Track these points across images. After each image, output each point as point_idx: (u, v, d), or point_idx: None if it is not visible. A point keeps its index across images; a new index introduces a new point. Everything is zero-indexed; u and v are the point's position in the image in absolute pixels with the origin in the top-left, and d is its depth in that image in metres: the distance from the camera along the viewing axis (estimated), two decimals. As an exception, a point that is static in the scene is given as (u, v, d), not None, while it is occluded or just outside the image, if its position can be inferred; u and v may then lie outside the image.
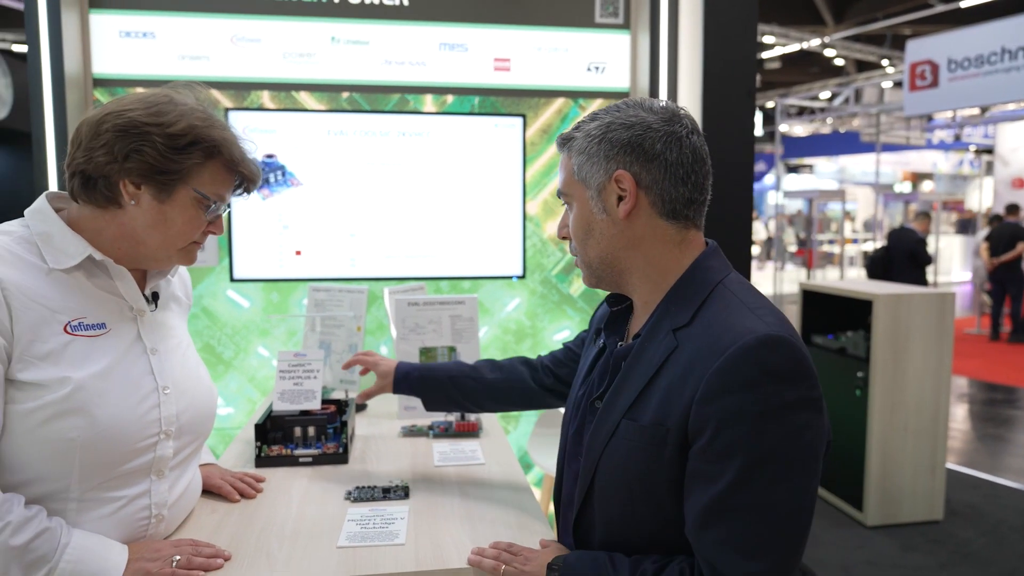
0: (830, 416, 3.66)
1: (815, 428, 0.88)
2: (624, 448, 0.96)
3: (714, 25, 2.29)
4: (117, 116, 1.03)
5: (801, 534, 0.87)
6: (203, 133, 1.06)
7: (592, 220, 1.01)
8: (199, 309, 2.51)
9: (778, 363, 0.86)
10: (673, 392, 0.91)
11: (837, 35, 14.30)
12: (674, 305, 0.98)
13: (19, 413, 0.97)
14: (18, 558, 0.93)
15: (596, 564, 0.96)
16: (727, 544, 0.86)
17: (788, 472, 0.86)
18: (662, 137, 0.97)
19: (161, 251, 1.10)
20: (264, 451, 1.53)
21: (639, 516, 0.96)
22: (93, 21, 2.37)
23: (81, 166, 1.03)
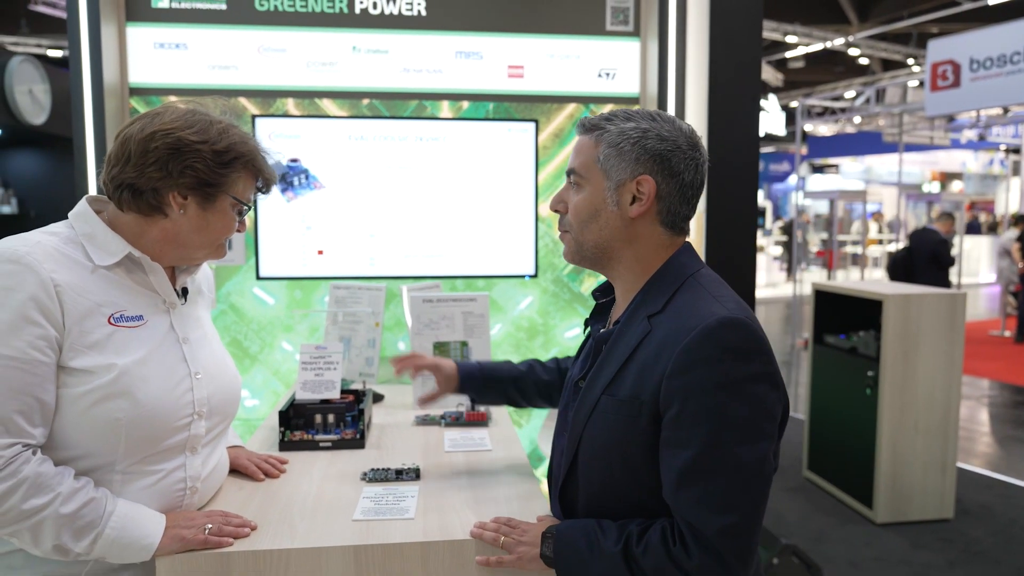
0: (840, 414, 3.73)
1: (772, 399, 1.00)
2: (603, 422, 1.07)
3: (720, 33, 2.37)
4: (165, 135, 1.14)
5: (764, 491, 0.99)
6: (242, 148, 1.20)
7: (601, 208, 1.11)
8: (227, 306, 2.65)
9: (736, 341, 0.98)
10: (646, 370, 1.03)
11: (861, 34, 14.19)
12: (650, 295, 1.10)
13: (71, 397, 1.09)
14: (68, 524, 1.05)
15: (586, 530, 1.07)
16: (701, 502, 0.97)
17: (750, 436, 0.97)
18: (686, 159, 1.09)
19: (200, 250, 1.23)
20: (287, 436, 1.65)
21: (617, 484, 1.07)
22: (130, 33, 2.52)
23: (131, 180, 1.14)
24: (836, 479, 3.99)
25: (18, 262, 1.06)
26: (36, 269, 1.06)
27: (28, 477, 1.02)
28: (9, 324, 1.03)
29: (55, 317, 1.07)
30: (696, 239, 2.54)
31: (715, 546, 0.96)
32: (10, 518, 1.02)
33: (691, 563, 0.97)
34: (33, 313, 1.05)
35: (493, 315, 2.80)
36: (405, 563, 1.17)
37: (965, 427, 5.50)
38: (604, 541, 1.03)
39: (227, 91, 2.58)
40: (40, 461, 1.05)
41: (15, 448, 1.03)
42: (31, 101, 4.99)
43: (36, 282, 1.05)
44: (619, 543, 1.02)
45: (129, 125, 1.17)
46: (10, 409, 1.03)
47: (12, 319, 1.03)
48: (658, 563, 0.99)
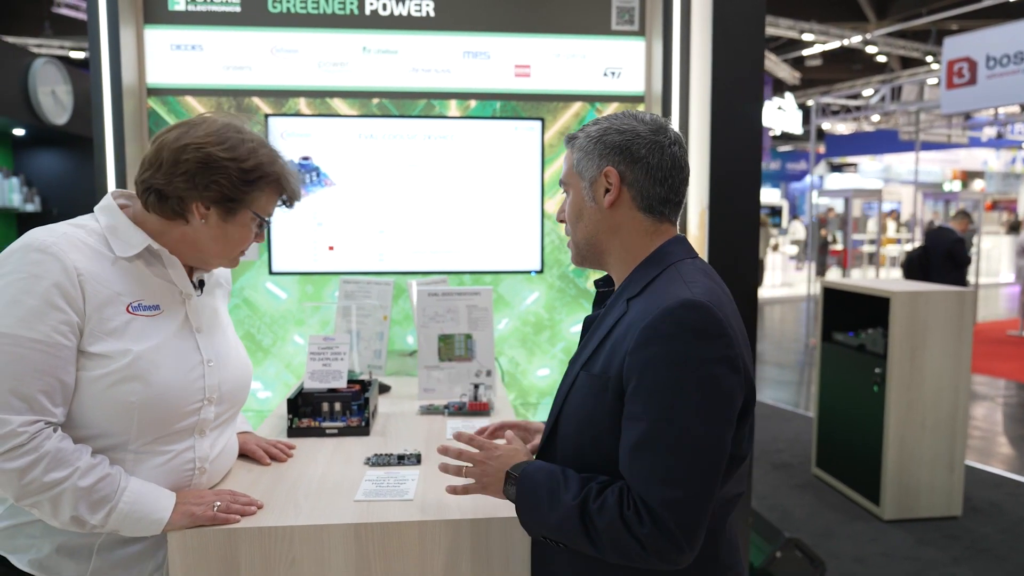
0: (848, 411, 3.73)
1: (730, 382, 1.03)
2: (579, 396, 1.14)
3: (723, 32, 2.40)
4: (197, 149, 1.20)
5: (714, 470, 1.02)
6: (268, 168, 1.26)
7: (583, 206, 1.20)
8: (241, 300, 2.72)
9: (694, 321, 1.03)
10: (616, 347, 1.09)
11: (879, 31, 14.07)
12: (633, 281, 1.16)
13: (88, 379, 1.16)
14: (85, 497, 1.12)
15: (551, 475, 1.11)
16: (649, 474, 1.01)
17: (702, 414, 1.01)
18: (647, 144, 1.15)
19: (216, 259, 1.30)
20: (295, 423, 1.71)
21: (587, 455, 1.13)
22: (147, 36, 2.60)
23: (160, 186, 1.21)
24: (844, 476, 4.00)
25: (45, 251, 1.12)
26: (61, 258, 1.13)
27: (49, 451, 1.09)
28: (35, 309, 1.10)
29: (77, 304, 1.14)
30: (699, 236, 2.57)
31: (663, 518, 0.99)
32: (33, 489, 1.09)
33: (642, 531, 1.01)
34: (57, 300, 1.11)
35: (500, 310, 2.86)
36: (402, 541, 1.23)
37: (980, 426, 5.47)
38: (564, 493, 1.08)
39: (241, 91, 2.65)
40: (60, 438, 1.12)
41: (38, 425, 1.09)
42: (54, 102, 5.11)
43: (61, 270, 1.12)
44: (578, 496, 1.06)
45: (167, 132, 1.23)
46: (34, 389, 1.09)
47: (38, 304, 1.10)
48: (611, 523, 1.03)
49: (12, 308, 1.09)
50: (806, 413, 5.75)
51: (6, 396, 1.07)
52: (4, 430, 1.07)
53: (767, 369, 7.53)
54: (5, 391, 1.08)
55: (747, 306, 2.50)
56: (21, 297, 1.10)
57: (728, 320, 1.05)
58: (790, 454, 4.71)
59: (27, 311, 1.09)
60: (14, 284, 1.10)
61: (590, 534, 1.05)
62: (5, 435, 1.07)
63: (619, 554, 1.04)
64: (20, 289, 1.10)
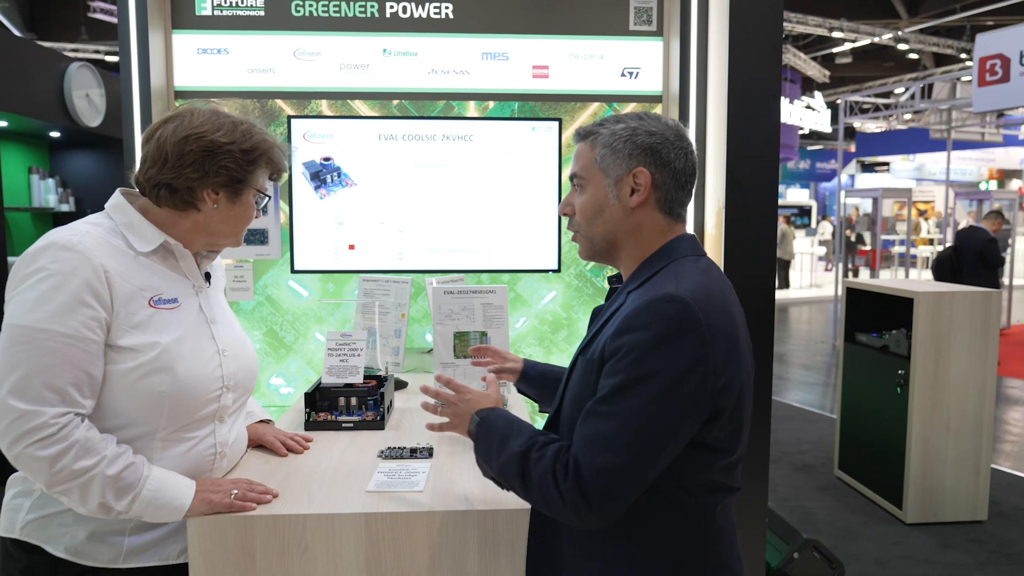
0: (871, 413, 3.72)
1: (694, 379, 1.05)
2: (576, 379, 1.20)
3: (740, 31, 2.40)
4: (199, 139, 1.25)
5: (653, 451, 1.05)
6: (264, 146, 1.33)
7: (604, 203, 1.21)
8: (264, 297, 2.78)
9: (671, 314, 1.06)
10: (606, 335, 1.14)
11: (911, 28, 13.84)
12: (638, 274, 1.20)
13: (119, 372, 1.21)
14: (112, 484, 1.17)
15: (508, 424, 1.20)
16: (589, 439, 1.07)
17: (657, 399, 1.04)
18: (675, 149, 1.19)
19: (226, 239, 1.36)
20: (312, 416, 1.76)
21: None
22: (175, 40, 2.67)
23: (169, 180, 1.26)
24: (866, 479, 3.96)
25: (73, 249, 1.18)
26: (89, 256, 1.18)
27: (78, 440, 1.15)
28: (66, 305, 1.15)
29: (105, 300, 1.19)
30: (715, 235, 2.58)
31: (586, 479, 1.05)
32: (63, 476, 1.14)
33: (564, 484, 1.07)
34: (86, 296, 1.17)
35: (518, 309, 2.89)
36: (411, 530, 1.26)
37: (1012, 431, 5.37)
38: (513, 441, 1.15)
39: (264, 93, 2.72)
40: (88, 427, 1.17)
41: (68, 416, 1.15)
42: (88, 105, 5.25)
43: (89, 268, 1.17)
44: (523, 445, 1.14)
45: (161, 126, 1.28)
46: (65, 381, 1.15)
47: (68, 301, 1.15)
48: (542, 473, 1.10)
49: (43, 304, 1.14)
50: (830, 415, 5.69)
51: (40, 389, 1.13)
52: (37, 421, 1.12)
53: (792, 370, 7.46)
54: (39, 384, 1.13)
55: (765, 306, 2.50)
56: (52, 294, 1.15)
57: (708, 318, 1.06)
58: (813, 456, 4.67)
59: (58, 307, 1.15)
60: (44, 281, 1.15)
61: (524, 480, 1.12)
62: (38, 426, 1.12)
63: (544, 503, 1.11)
64: (51, 286, 1.15)
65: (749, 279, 2.47)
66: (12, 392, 1.12)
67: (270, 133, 1.38)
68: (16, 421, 1.12)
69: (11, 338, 1.14)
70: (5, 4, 10.96)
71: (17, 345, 1.13)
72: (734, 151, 2.46)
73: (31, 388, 1.12)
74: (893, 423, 3.68)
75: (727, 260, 2.47)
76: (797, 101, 16.36)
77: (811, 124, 16.89)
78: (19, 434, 1.12)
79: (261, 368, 2.78)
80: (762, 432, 2.49)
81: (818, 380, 7.10)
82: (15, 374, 1.12)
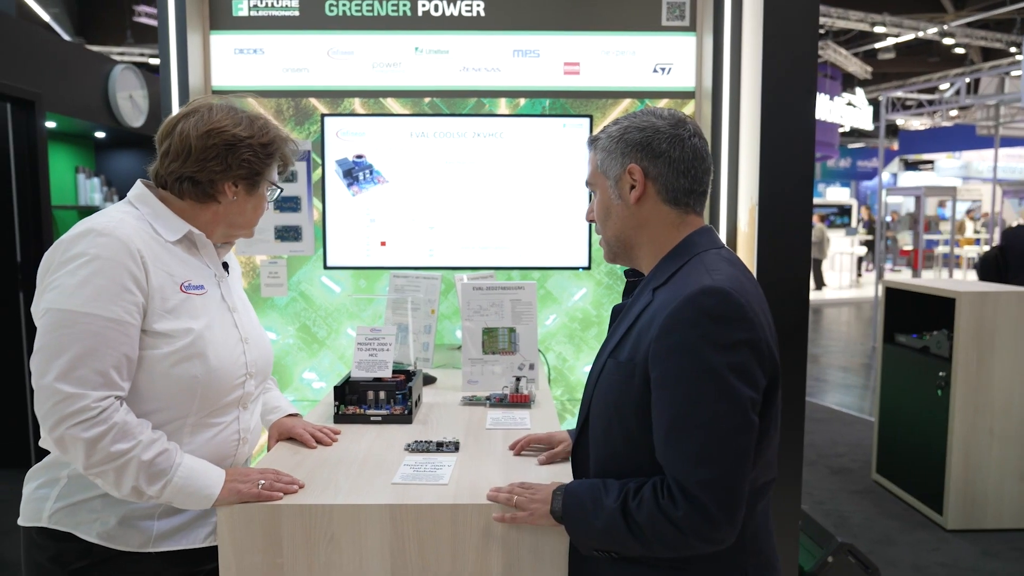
0: (910, 416, 3.65)
1: (752, 365, 1.05)
2: (607, 383, 1.18)
3: (775, 26, 2.36)
4: (220, 133, 1.29)
5: (744, 448, 1.04)
6: (278, 141, 1.36)
7: (610, 204, 1.23)
8: (297, 293, 2.83)
9: (714, 306, 1.05)
10: (642, 335, 1.12)
11: (958, 22, 13.46)
12: (659, 271, 1.19)
13: (155, 357, 1.24)
14: (146, 469, 1.20)
15: (592, 488, 1.16)
16: (682, 457, 1.05)
17: (727, 395, 1.03)
18: (667, 138, 1.19)
19: (242, 230, 1.40)
20: (341, 410, 1.78)
21: (614, 437, 1.16)
22: (213, 41, 2.73)
23: (192, 173, 1.29)
24: (905, 483, 3.87)
25: (111, 235, 1.21)
26: (127, 241, 1.22)
27: (117, 423, 1.18)
28: (107, 290, 1.18)
29: (142, 284, 1.22)
30: (748, 233, 2.54)
31: (698, 497, 1.03)
32: (100, 458, 1.17)
33: (677, 513, 1.04)
34: (126, 280, 1.20)
35: (548, 306, 2.88)
36: (436, 523, 1.27)
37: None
38: (606, 498, 1.12)
39: (299, 92, 2.76)
40: (126, 411, 1.21)
41: (109, 399, 1.18)
42: (131, 106, 5.39)
43: (127, 253, 1.21)
44: (618, 499, 1.10)
45: (181, 120, 1.31)
46: (107, 364, 1.18)
47: (108, 284, 1.19)
48: (650, 515, 1.06)
49: (84, 288, 1.18)
50: (868, 418, 5.57)
51: (86, 372, 1.16)
52: (81, 403, 1.15)
53: (830, 372, 7.31)
54: (85, 368, 1.16)
55: (799, 304, 2.46)
56: (92, 278, 1.18)
57: (750, 304, 1.07)
58: (850, 459, 4.58)
59: (98, 291, 1.18)
60: (85, 266, 1.18)
61: (633, 531, 1.08)
62: (81, 408, 1.15)
63: (663, 545, 1.07)
64: (91, 271, 1.18)
65: (783, 278, 2.44)
66: (59, 376, 1.15)
67: (281, 127, 1.42)
68: (60, 403, 1.15)
69: (54, 322, 1.17)
70: (56, 10, 11.31)
71: (61, 329, 1.16)
72: (768, 147, 2.42)
73: (77, 371, 1.15)
74: (933, 426, 3.58)
75: (760, 258, 2.44)
76: (837, 98, 16.04)
77: (852, 121, 16.54)
78: (62, 416, 1.15)
79: (294, 363, 2.83)
80: (795, 433, 2.45)
81: (856, 382, 6.96)
82: (62, 358, 1.15)
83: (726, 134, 2.64)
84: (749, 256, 2.51)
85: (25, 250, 4.31)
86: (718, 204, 2.68)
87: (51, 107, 4.46)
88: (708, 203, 2.71)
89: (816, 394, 6.34)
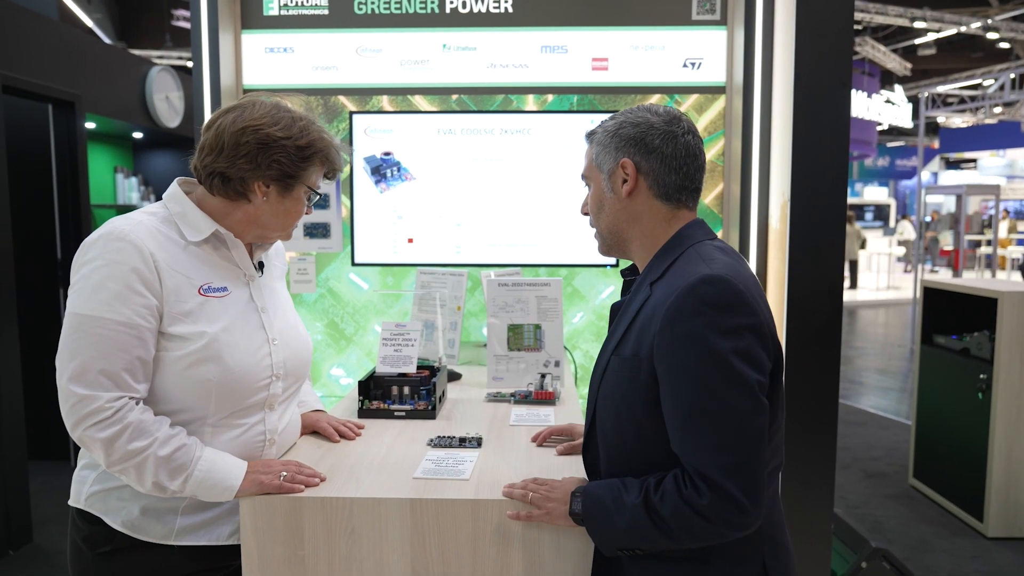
0: (949, 419, 3.57)
1: (757, 349, 1.06)
2: (612, 379, 1.17)
3: (808, 19, 2.31)
4: (255, 131, 1.27)
5: (759, 432, 1.04)
6: (319, 144, 1.33)
7: (603, 198, 1.24)
8: (325, 290, 2.85)
9: (714, 295, 1.05)
10: (644, 329, 1.12)
11: (1003, 16, 13.08)
12: (655, 265, 1.19)
13: (170, 359, 1.25)
14: (164, 465, 1.22)
15: (611, 487, 1.14)
16: (701, 446, 1.04)
17: (736, 382, 1.03)
18: (661, 134, 1.19)
19: (275, 232, 1.38)
20: (365, 404, 1.78)
21: (625, 433, 1.15)
22: (244, 40, 2.76)
23: (223, 169, 1.29)
24: (944, 488, 3.76)
25: (124, 239, 1.22)
26: (139, 245, 1.22)
27: (132, 423, 1.19)
28: (118, 293, 1.20)
29: (155, 287, 1.23)
30: (780, 229, 2.49)
31: (722, 484, 1.02)
32: (118, 457, 1.19)
33: (703, 502, 1.03)
34: (137, 284, 1.21)
35: (575, 303, 2.86)
36: (456, 517, 1.26)
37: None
38: (627, 496, 1.10)
39: (328, 90, 2.78)
40: (142, 410, 1.22)
41: (122, 400, 1.20)
42: (168, 107, 5.49)
43: (139, 257, 1.22)
44: (640, 495, 1.09)
45: (222, 115, 1.31)
46: (119, 367, 1.20)
47: (120, 289, 1.20)
48: (675, 507, 1.05)
49: (97, 293, 1.19)
50: (905, 421, 5.43)
51: (95, 375, 1.18)
52: (94, 405, 1.17)
53: (866, 375, 7.16)
54: (94, 371, 1.18)
55: (832, 301, 2.40)
56: (105, 282, 1.20)
57: (749, 290, 1.08)
58: (886, 462, 4.47)
59: (110, 295, 1.19)
60: (99, 271, 1.20)
61: (659, 526, 1.07)
62: (95, 409, 1.17)
63: (690, 536, 1.06)
64: (104, 275, 1.20)
65: (816, 276, 2.38)
66: (72, 378, 1.18)
67: (329, 132, 1.38)
68: (76, 405, 1.18)
69: (71, 326, 1.20)
70: (99, 16, 11.60)
71: (76, 333, 1.19)
72: (800, 143, 2.36)
73: (88, 374, 1.18)
74: (974, 430, 3.48)
75: (792, 256, 2.39)
76: (876, 95, 15.71)
77: (890, 119, 16.19)
78: (79, 417, 1.18)
79: (322, 359, 2.85)
80: (827, 437, 2.39)
81: (893, 385, 6.79)
82: (74, 361, 1.18)
83: (757, 129, 2.60)
84: (780, 253, 2.46)
85: (65, 248, 4.42)
86: (749, 200, 2.63)
87: (90, 108, 4.56)
88: (739, 199, 2.68)
89: (851, 397, 6.20)
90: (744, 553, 1.12)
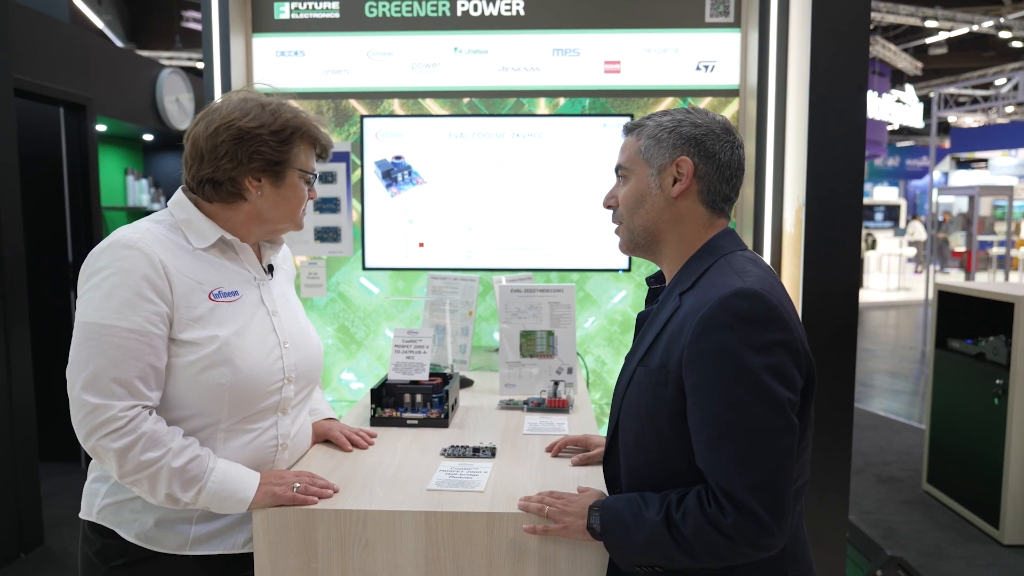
0: (964, 424, 3.52)
1: (788, 364, 1.03)
2: (637, 390, 1.15)
3: (823, 22, 2.28)
4: (227, 128, 1.26)
5: (787, 450, 1.01)
6: (295, 123, 1.31)
7: (647, 193, 1.20)
8: (336, 294, 2.84)
9: (748, 309, 1.03)
10: (673, 341, 1.09)
11: (1016, 14, 12.96)
12: (684, 274, 1.17)
13: (181, 365, 1.24)
14: (178, 476, 1.20)
15: (631, 502, 1.12)
16: (727, 463, 1.01)
17: (766, 398, 1.01)
18: (721, 142, 1.17)
19: (283, 223, 1.37)
20: (378, 412, 1.77)
21: (647, 446, 1.13)
22: (255, 44, 2.76)
23: (209, 175, 1.28)
24: (958, 494, 3.72)
25: (133, 247, 1.21)
26: (148, 253, 1.21)
27: (146, 433, 1.18)
28: (128, 301, 1.19)
29: (165, 294, 1.22)
30: (794, 234, 2.46)
31: (746, 503, 1.00)
32: (131, 468, 1.18)
33: (726, 521, 1.01)
34: (147, 291, 1.20)
35: (587, 308, 2.84)
36: (471, 530, 1.24)
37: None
38: (647, 511, 1.08)
39: (339, 93, 2.77)
40: (156, 420, 1.21)
41: (136, 409, 1.19)
42: (178, 109, 5.50)
43: (148, 264, 1.21)
44: (660, 512, 1.07)
45: (194, 126, 1.30)
46: (132, 375, 1.19)
47: (130, 297, 1.19)
48: (697, 526, 1.03)
49: (108, 301, 1.19)
50: (919, 425, 5.39)
51: (108, 383, 1.17)
52: (108, 414, 1.16)
53: (878, 377, 7.10)
54: (107, 379, 1.17)
55: (847, 306, 2.38)
56: (115, 291, 1.19)
57: (782, 305, 1.05)
58: (899, 468, 4.43)
59: (121, 303, 1.19)
60: (108, 279, 1.19)
61: (680, 544, 1.05)
62: (108, 419, 1.16)
63: (711, 555, 1.04)
64: (114, 283, 1.19)
65: (832, 279, 2.36)
66: (84, 388, 1.17)
67: (302, 110, 1.36)
68: (89, 415, 1.17)
69: (82, 335, 1.19)
70: (109, 17, 11.65)
71: (87, 342, 1.18)
72: (815, 146, 2.34)
73: (100, 383, 1.17)
74: (989, 435, 3.44)
75: (807, 260, 2.36)
76: (886, 95, 15.59)
77: (901, 119, 16.06)
78: (92, 427, 1.17)
79: (333, 363, 2.84)
80: (843, 440, 2.37)
81: (904, 388, 6.74)
82: (87, 370, 1.17)
83: (771, 133, 2.57)
84: (795, 258, 2.44)
85: (76, 250, 4.44)
86: (763, 204, 2.61)
87: (101, 111, 4.57)
88: (752, 203, 2.65)
89: (863, 400, 6.16)
90: (766, 572, 1.10)
